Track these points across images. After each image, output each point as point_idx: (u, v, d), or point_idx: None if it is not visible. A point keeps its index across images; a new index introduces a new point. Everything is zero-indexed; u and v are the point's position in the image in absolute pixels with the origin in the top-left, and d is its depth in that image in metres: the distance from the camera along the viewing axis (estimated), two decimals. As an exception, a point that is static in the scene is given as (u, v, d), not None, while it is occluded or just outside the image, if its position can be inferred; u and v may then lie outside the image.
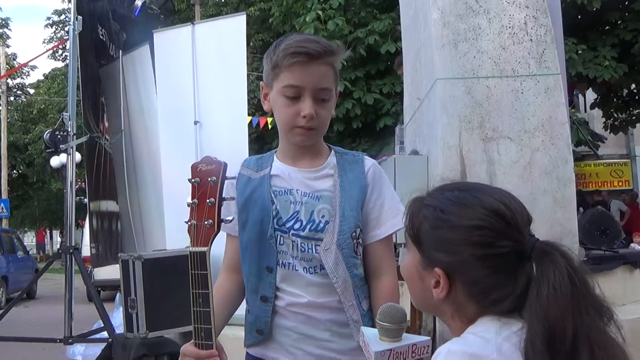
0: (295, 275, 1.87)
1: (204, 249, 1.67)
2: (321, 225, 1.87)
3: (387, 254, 1.97)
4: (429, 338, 1.57)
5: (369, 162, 1.98)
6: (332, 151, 1.99)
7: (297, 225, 1.86)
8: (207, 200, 1.68)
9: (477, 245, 1.26)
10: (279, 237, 1.87)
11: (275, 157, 1.99)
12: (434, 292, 1.32)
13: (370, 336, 1.53)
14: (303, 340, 1.87)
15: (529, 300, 1.21)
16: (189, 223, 1.70)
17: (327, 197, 1.88)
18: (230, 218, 1.78)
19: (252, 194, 1.92)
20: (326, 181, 1.91)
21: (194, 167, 1.73)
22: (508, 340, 1.22)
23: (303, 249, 1.86)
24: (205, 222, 1.68)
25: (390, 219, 1.93)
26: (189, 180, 1.72)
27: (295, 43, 1.83)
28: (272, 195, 1.90)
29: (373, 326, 1.88)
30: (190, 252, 1.68)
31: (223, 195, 1.71)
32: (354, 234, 1.87)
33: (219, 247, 1.92)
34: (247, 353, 1.98)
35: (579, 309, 1.18)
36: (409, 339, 1.53)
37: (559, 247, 1.25)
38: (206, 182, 1.70)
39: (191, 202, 1.71)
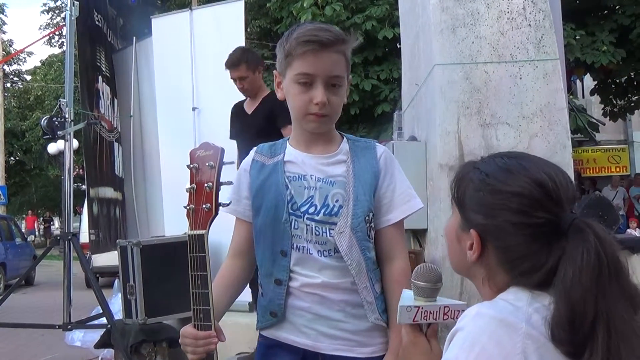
0: (310, 259, 1.90)
1: (202, 231, 1.72)
2: (335, 209, 1.90)
3: (398, 239, 2.00)
4: (465, 303, 1.51)
5: (380, 148, 2.01)
6: (344, 138, 2.02)
7: (311, 210, 1.89)
8: (205, 185, 1.73)
9: (514, 211, 1.28)
10: (293, 221, 1.90)
11: (288, 143, 2.02)
12: (468, 254, 1.36)
13: (406, 296, 1.52)
14: (317, 320, 1.90)
15: (556, 277, 1.22)
16: (188, 207, 1.75)
17: (340, 182, 1.91)
18: (227, 202, 1.84)
19: (266, 180, 1.96)
20: (339, 167, 1.95)
21: (193, 153, 1.78)
22: (538, 312, 1.22)
23: (317, 233, 1.89)
24: (204, 206, 1.73)
25: (402, 204, 1.97)
26: (188, 166, 1.77)
27: (308, 32, 1.85)
28: (286, 180, 1.93)
29: (385, 310, 1.92)
30: (188, 235, 1.73)
31: (225, 180, 1.77)
32: (367, 217, 1.91)
33: (215, 233, 1.92)
34: (260, 335, 2.01)
35: (604, 294, 1.18)
36: (443, 301, 1.50)
37: (596, 227, 1.24)
38: (204, 167, 1.75)
39: (189, 187, 1.75)
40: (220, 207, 1.77)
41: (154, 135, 6.97)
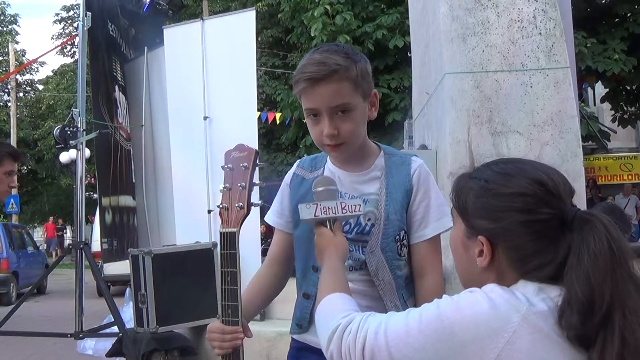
0: None
1: (234, 229, 1.76)
2: (367, 228, 1.91)
3: (431, 254, 1.98)
4: (361, 199, 1.82)
5: (415, 163, 2.00)
6: (382, 151, 2.02)
7: (345, 228, 1.90)
8: (239, 185, 1.79)
9: (520, 211, 1.32)
10: None
11: (328, 158, 2.04)
12: (478, 261, 1.39)
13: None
14: None
15: (569, 265, 1.27)
16: (221, 206, 1.80)
17: (373, 200, 1.92)
18: (259, 202, 1.91)
19: (306, 195, 1.97)
20: (373, 184, 1.95)
21: (227, 154, 1.86)
22: (543, 302, 1.27)
23: (350, 250, 1.89)
24: (236, 205, 1.78)
25: (435, 220, 1.95)
26: (222, 167, 1.83)
27: (301, 68, 1.85)
28: None
29: None
30: (220, 232, 1.78)
31: (257, 182, 1.84)
32: (397, 237, 1.92)
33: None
34: (292, 338, 2.07)
35: (616, 276, 1.24)
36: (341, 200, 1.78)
37: (600, 216, 1.30)
38: (238, 168, 1.81)
39: (223, 187, 1.81)
40: (253, 207, 1.82)
41: (165, 144, 6.99)
